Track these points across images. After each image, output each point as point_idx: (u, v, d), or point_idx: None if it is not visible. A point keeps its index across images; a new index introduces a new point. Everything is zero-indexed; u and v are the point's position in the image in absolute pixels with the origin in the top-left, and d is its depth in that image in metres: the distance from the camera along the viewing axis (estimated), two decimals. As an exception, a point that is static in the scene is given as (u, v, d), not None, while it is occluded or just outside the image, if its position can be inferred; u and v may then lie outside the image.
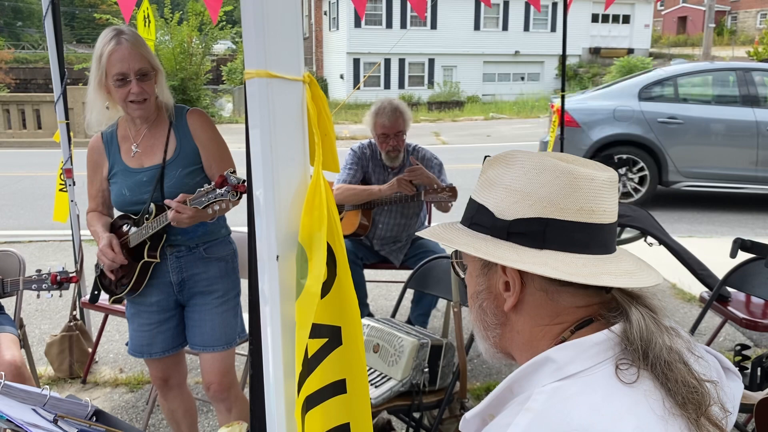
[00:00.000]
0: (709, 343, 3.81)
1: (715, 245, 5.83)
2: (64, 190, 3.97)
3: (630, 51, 33.00)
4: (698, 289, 3.61)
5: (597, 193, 0.94)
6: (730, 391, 1.02)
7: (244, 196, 1.86)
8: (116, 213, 2.50)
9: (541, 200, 0.93)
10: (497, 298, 0.99)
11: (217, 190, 2.10)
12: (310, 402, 0.77)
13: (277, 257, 0.72)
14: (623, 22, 34.20)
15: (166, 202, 2.20)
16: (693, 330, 3.12)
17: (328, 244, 0.75)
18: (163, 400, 2.64)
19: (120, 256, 2.31)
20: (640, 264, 0.99)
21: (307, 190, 0.73)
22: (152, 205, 2.29)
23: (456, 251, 1.07)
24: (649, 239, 3.57)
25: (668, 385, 0.86)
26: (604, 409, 0.83)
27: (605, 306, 0.95)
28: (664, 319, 0.94)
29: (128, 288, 2.38)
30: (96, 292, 2.64)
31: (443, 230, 1.04)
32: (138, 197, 2.34)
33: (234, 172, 2.12)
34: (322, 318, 0.77)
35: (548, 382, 0.87)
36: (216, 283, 2.43)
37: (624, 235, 4.27)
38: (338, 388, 0.84)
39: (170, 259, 2.40)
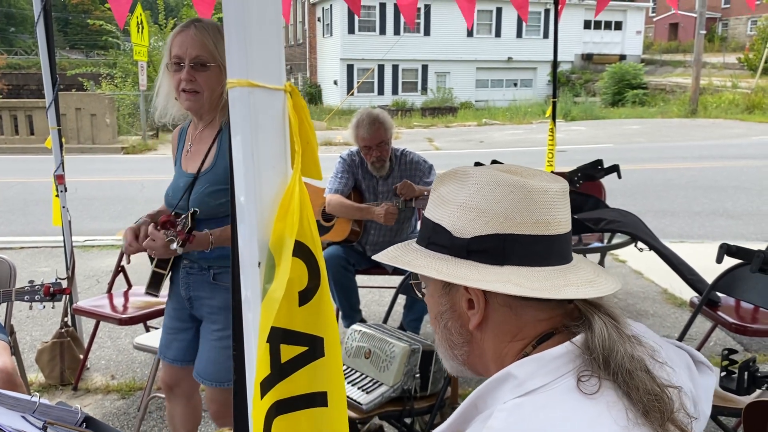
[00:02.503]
0: (699, 348, 3.83)
1: (706, 250, 5.85)
2: (58, 195, 3.97)
3: (622, 57, 33.22)
4: (689, 294, 3.62)
5: (552, 204, 0.95)
6: (703, 385, 1.03)
7: None
8: None
9: (498, 216, 0.93)
10: (461, 317, 0.99)
11: (163, 230, 2.01)
12: (282, 407, 0.78)
13: (259, 264, 0.73)
14: (615, 29, 34.44)
15: (162, 219, 2.12)
16: (683, 335, 3.13)
17: (310, 250, 0.76)
18: (167, 402, 2.60)
19: (135, 244, 2.21)
20: (597, 271, 1.00)
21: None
22: (172, 215, 2.20)
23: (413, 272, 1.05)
24: (640, 244, 3.58)
25: (630, 393, 0.86)
26: (566, 424, 0.82)
27: (568, 316, 0.96)
28: (625, 327, 0.94)
29: (146, 286, 2.35)
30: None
31: (401, 252, 1.02)
32: (173, 201, 2.26)
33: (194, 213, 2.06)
34: (301, 325, 0.77)
35: (509, 398, 0.87)
36: (218, 314, 2.25)
37: (614, 241, 4.28)
38: (318, 400, 0.84)
39: (182, 272, 2.31)
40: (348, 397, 2.38)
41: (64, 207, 3.93)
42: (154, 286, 2.35)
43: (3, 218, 8.43)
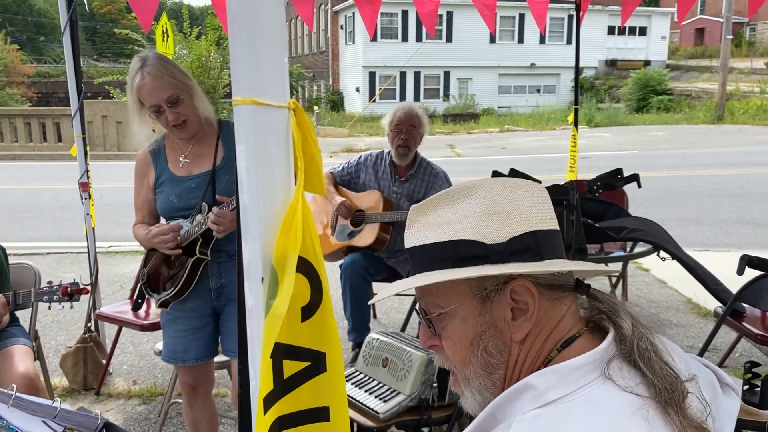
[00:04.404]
0: (724, 359, 3.76)
1: (732, 259, 5.76)
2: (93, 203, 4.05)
3: (647, 63, 32.87)
4: (714, 303, 3.56)
5: (550, 201, 1.00)
6: (727, 407, 1.01)
7: None
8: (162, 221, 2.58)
9: (525, 215, 0.95)
10: (502, 332, 0.96)
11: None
12: (284, 422, 0.78)
13: (263, 279, 0.74)
14: (639, 34, 34.11)
15: (218, 197, 2.31)
16: (706, 345, 3.08)
17: (313, 266, 0.76)
18: (188, 408, 2.68)
19: (175, 230, 2.38)
20: None
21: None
22: (205, 205, 2.36)
23: (423, 311, 1.01)
24: (662, 253, 3.53)
25: (650, 376, 0.86)
26: None
27: (588, 316, 0.98)
28: (638, 323, 0.95)
29: (177, 288, 2.42)
30: (140, 300, 2.74)
31: (434, 276, 0.96)
32: (186, 203, 2.41)
33: None
34: (303, 341, 0.77)
35: (529, 409, 0.86)
36: None
37: (636, 249, 4.23)
38: (321, 415, 0.84)
39: (211, 264, 2.46)
40: (365, 405, 2.38)
41: (87, 214, 4.00)
42: (186, 285, 2.43)
43: (31, 224, 8.59)
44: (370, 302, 1.06)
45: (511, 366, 0.97)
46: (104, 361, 3.79)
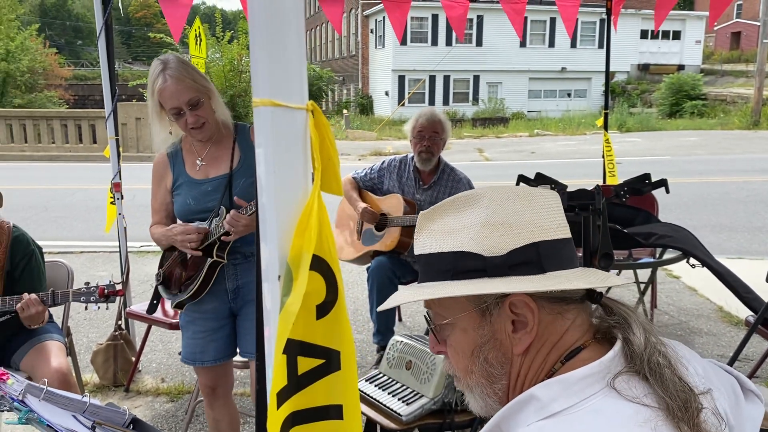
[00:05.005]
0: (755, 369, 3.68)
1: (766, 267, 5.63)
2: (114, 203, 4.12)
3: (680, 67, 32.34)
4: (746, 312, 3.49)
5: (560, 208, 0.97)
6: (750, 414, 1.00)
7: None
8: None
9: (527, 226, 0.93)
10: (503, 344, 0.96)
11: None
12: (298, 418, 0.80)
13: (279, 277, 0.76)
14: (673, 38, 33.59)
15: (236, 200, 2.34)
16: (736, 355, 3.02)
17: (329, 265, 0.78)
18: (209, 409, 2.71)
19: (201, 232, 2.41)
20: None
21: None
22: (222, 209, 2.40)
23: (428, 320, 1.02)
24: (692, 260, 3.47)
25: (661, 390, 0.85)
26: None
27: (594, 325, 0.96)
28: (652, 335, 0.93)
29: (194, 289, 2.46)
30: (155, 302, 2.79)
31: (429, 289, 0.96)
32: (203, 206, 2.45)
33: None
34: (318, 339, 0.79)
35: (533, 420, 0.86)
36: None
37: (666, 256, 4.17)
38: (335, 412, 0.86)
39: (227, 266, 2.50)
40: (388, 407, 2.39)
41: (120, 214, 4.08)
42: (202, 287, 2.46)
43: (65, 224, 8.78)
44: (378, 309, 1.08)
45: (514, 377, 0.97)
46: (134, 359, 3.86)
